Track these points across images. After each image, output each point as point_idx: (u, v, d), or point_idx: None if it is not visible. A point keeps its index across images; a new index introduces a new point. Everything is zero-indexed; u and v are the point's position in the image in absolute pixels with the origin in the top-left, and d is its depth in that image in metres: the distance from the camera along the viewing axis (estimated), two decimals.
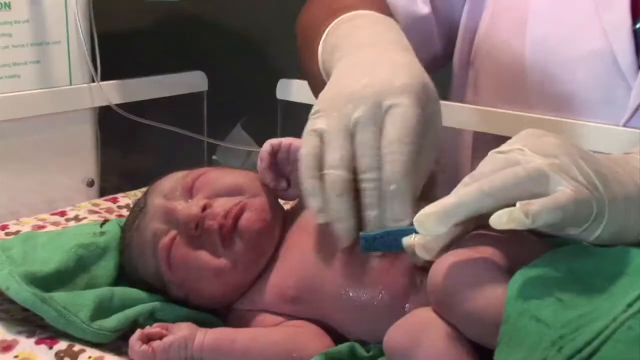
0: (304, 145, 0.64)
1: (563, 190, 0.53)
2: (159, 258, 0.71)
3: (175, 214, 0.71)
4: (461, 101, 0.97)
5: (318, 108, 0.65)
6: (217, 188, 0.72)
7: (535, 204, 0.52)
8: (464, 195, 0.54)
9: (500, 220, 0.52)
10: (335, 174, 0.61)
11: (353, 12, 0.77)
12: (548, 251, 0.58)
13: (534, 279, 0.53)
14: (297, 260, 0.70)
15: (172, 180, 0.75)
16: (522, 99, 0.88)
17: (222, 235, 0.69)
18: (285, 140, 0.74)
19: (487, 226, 0.53)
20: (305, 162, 0.63)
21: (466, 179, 0.57)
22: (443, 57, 1.00)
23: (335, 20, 0.77)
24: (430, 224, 0.54)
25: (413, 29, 0.92)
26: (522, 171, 0.54)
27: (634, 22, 0.78)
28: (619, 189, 0.56)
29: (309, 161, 0.63)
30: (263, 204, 0.71)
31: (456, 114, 0.92)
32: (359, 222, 0.62)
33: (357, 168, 0.61)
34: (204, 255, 0.70)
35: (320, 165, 0.63)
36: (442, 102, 0.67)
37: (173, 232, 0.71)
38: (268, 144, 0.74)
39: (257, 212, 0.71)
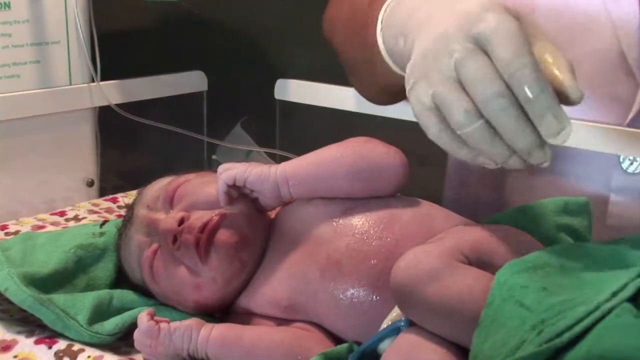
0: (428, 128, 0.57)
1: None
2: (143, 270, 0.72)
3: (155, 226, 0.71)
4: None
5: (414, 79, 0.57)
6: (197, 199, 0.72)
7: None
8: None
9: None
10: (472, 128, 0.54)
11: None
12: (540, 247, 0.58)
13: (522, 270, 0.53)
14: (286, 270, 0.70)
15: (156, 189, 0.75)
16: None
17: (198, 252, 0.68)
18: (241, 174, 0.71)
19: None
20: (441, 142, 0.57)
21: None
22: None
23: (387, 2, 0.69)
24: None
25: None
26: None
27: None
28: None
29: (444, 138, 0.56)
30: (241, 216, 0.71)
31: None
32: None
33: (480, 104, 0.53)
34: (183, 270, 0.70)
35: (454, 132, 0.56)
36: None
37: (155, 245, 0.71)
38: (224, 185, 0.71)
39: (235, 225, 0.70)
